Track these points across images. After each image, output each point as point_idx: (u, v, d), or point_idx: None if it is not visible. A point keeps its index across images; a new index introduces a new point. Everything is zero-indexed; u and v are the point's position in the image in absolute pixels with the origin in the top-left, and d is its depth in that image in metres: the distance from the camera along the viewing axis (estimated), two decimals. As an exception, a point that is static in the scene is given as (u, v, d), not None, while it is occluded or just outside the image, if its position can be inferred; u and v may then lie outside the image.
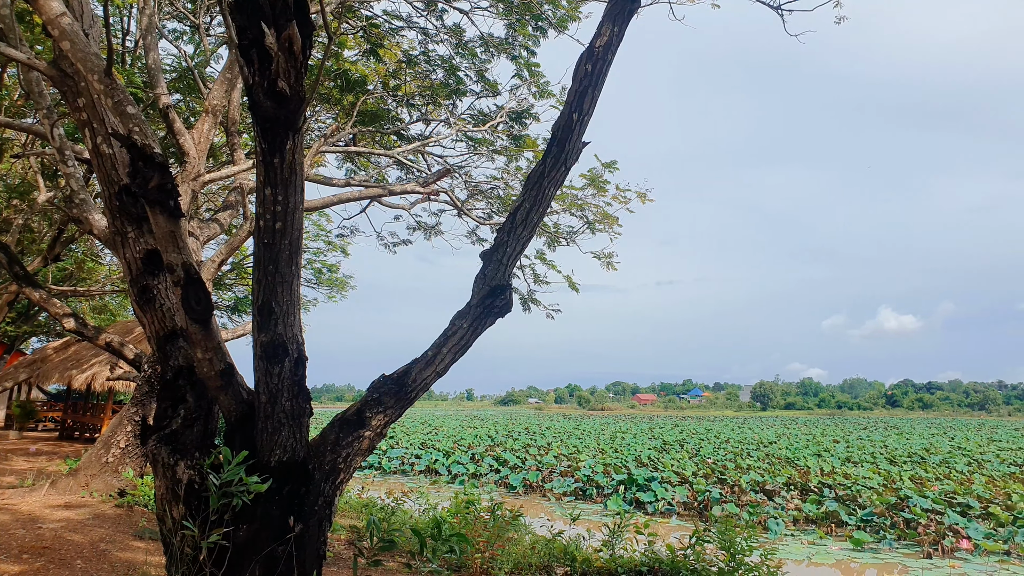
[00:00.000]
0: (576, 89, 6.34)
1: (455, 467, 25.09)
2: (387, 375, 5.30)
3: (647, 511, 17.76)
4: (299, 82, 3.91)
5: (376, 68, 10.37)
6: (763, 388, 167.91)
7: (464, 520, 8.53)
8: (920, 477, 21.12)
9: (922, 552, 13.49)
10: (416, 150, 11.50)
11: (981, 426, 78.35)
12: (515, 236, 6.34)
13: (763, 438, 42.89)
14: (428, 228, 13.32)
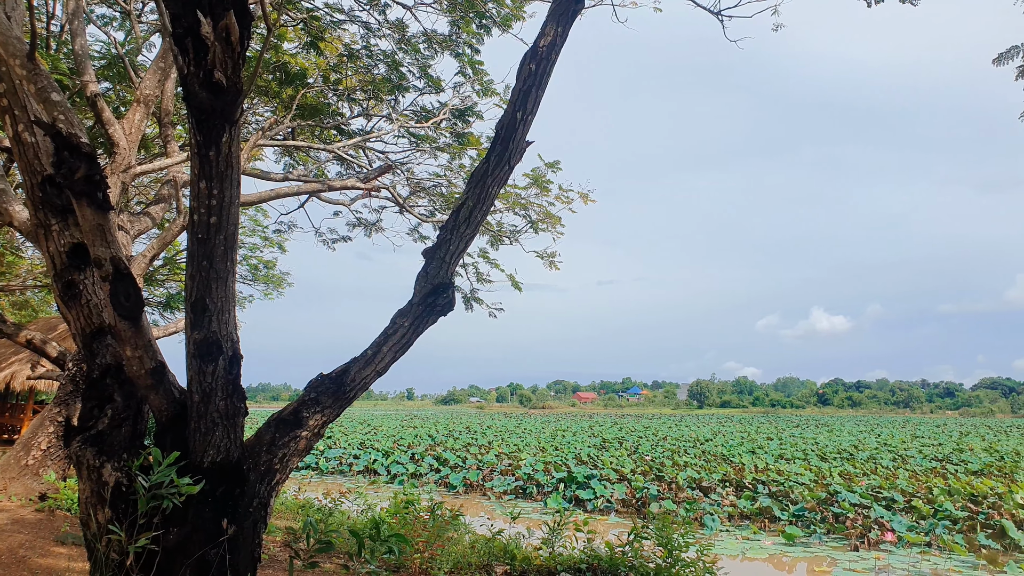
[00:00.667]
0: (520, 88, 6.34)
1: (394, 467, 24.88)
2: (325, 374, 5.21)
3: (586, 509, 17.92)
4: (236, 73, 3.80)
5: (317, 62, 10.19)
6: (700, 386, 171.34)
7: (403, 520, 8.45)
8: (849, 473, 21.86)
9: (849, 545, 13.96)
10: (357, 145, 11.34)
11: (905, 423, 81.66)
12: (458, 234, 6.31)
13: (700, 436, 43.79)
14: (369, 225, 13.15)
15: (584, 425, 59.79)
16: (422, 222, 12.64)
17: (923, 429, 60.26)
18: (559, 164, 11.36)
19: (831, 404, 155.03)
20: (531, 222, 12.21)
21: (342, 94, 10.88)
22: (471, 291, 12.67)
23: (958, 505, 15.81)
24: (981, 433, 52.73)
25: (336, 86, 10.68)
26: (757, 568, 12.78)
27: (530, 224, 12.25)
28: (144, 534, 3.91)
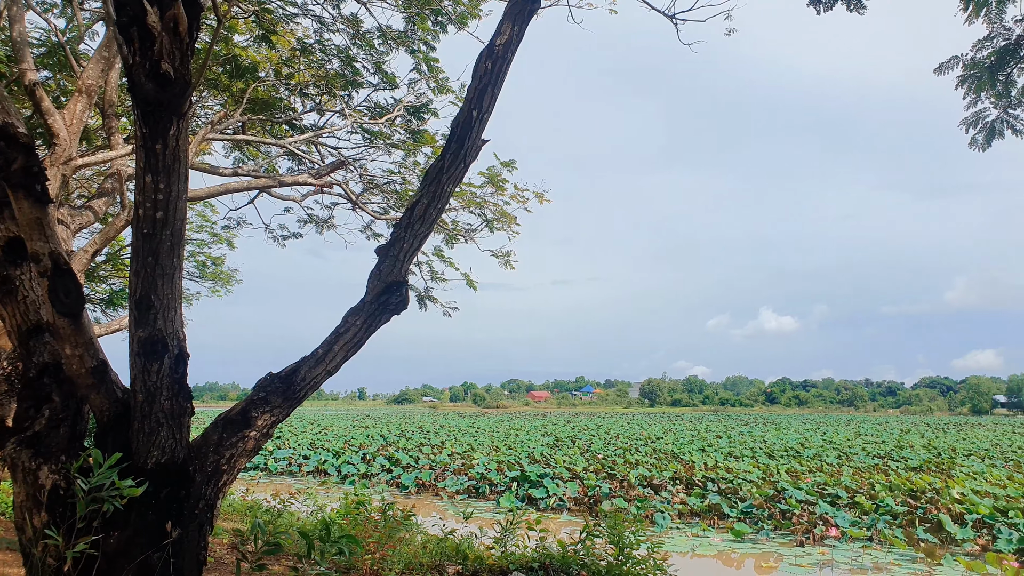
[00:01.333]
0: (476, 86, 6.32)
1: (345, 467, 24.60)
2: (275, 373, 5.12)
3: (539, 507, 17.98)
4: (184, 65, 3.70)
5: (268, 55, 9.99)
6: (651, 385, 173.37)
7: (354, 521, 8.36)
8: (795, 470, 22.36)
9: (796, 541, 14.28)
10: (309, 141, 11.16)
11: (850, 421, 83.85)
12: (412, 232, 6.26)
13: (651, 434, 44.32)
14: (320, 221, 12.95)
15: (538, 424, 60.02)
16: (375, 219, 12.50)
17: (866, 427, 62.01)
18: (515, 163, 11.36)
19: (779, 403, 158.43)
20: (486, 221, 12.18)
21: (294, 89, 10.69)
22: (425, 290, 12.58)
23: (898, 500, 16.31)
24: (920, 431, 54.48)
25: (288, 80, 10.49)
26: (706, 565, 12.99)
27: (485, 223, 12.21)
28: (83, 538, 3.79)
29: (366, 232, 13.02)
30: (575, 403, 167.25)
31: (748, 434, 45.98)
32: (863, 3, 7.42)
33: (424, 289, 12.55)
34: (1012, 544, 12.96)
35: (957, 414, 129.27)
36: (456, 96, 11.16)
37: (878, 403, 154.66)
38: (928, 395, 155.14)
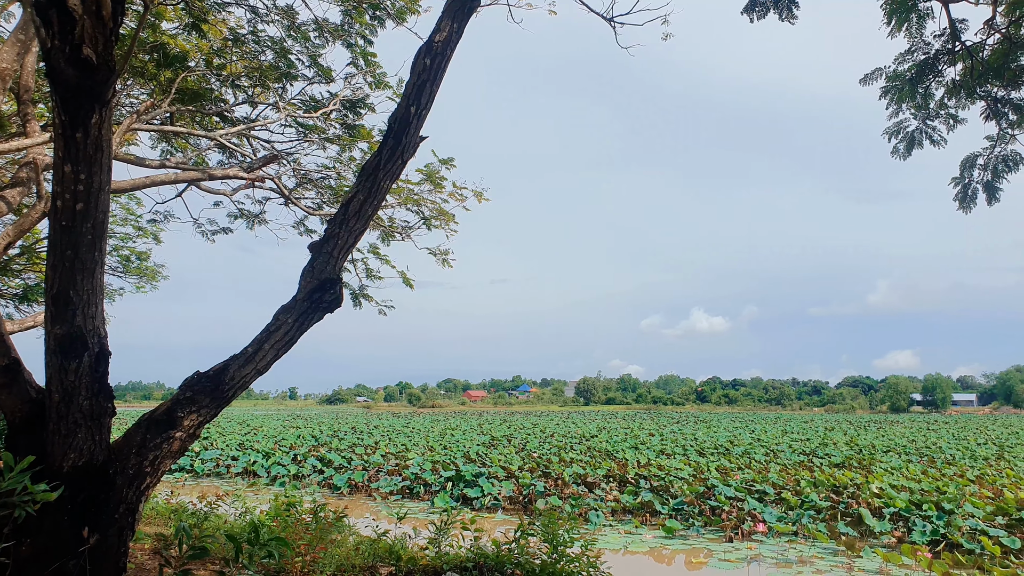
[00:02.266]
0: (414, 82, 6.26)
1: (275, 468, 24.09)
2: (202, 372, 4.97)
3: (474, 507, 17.96)
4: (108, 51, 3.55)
5: (199, 44, 9.68)
6: (586, 384, 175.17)
7: (284, 523, 8.18)
8: (725, 467, 22.91)
9: (725, 536, 14.63)
10: (241, 133, 10.85)
11: (777, 419, 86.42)
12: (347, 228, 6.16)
13: (585, 432, 44.79)
14: (252, 216, 12.62)
15: (474, 423, 59.96)
16: (309, 215, 12.25)
17: (793, 425, 64.01)
18: (453, 161, 11.29)
19: (709, 401, 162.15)
20: (424, 219, 12.07)
21: (226, 80, 10.38)
22: (360, 287, 12.39)
23: (822, 496, 16.87)
24: (843, 428, 56.53)
25: (220, 71, 10.18)
26: (639, 561, 13.19)
27: (423, 221, 12.10)
28: (-8, 546, 3.59)
29: (299, 228, 12.75)
30: (512, 402, 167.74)
31: (680, 432, 46.91)
32: (794, 13, 7.64)
33: (359, 287, 12.36)
34: (926, 536, 13.56)
35: (877, 412, 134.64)
36: (394, 92, 11.03)
37: (804, 402, 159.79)
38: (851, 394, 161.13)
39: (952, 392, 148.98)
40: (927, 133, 8.32)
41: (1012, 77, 7.73)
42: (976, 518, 14.12)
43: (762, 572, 12.12)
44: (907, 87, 8.09)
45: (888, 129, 8.53)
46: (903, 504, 15.09)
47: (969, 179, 8.18)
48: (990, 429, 55.43)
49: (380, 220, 12.17)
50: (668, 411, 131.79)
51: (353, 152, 11.70)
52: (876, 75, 8.18)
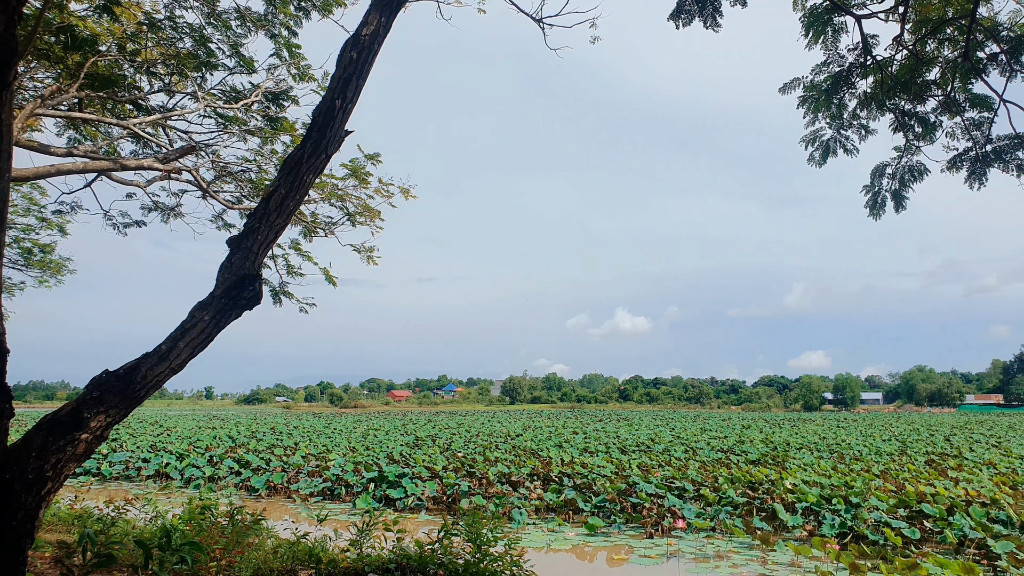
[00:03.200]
0: (340, 76, 6.14)
1: (190, 471, 23.27)
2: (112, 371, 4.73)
3: (397, 508, 17.78)
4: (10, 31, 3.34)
5: (111, 28, 9.24)
6: (512, 383, 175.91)
7: (199, 527, 7.90)
8: (646, 464, 23.35)
9: (645, 533, 14.90)
10: (156, 123, 10.42)
11: (696, 417, 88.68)
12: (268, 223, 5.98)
13: (510, 431, 44.96)
14: (167, 209, 12.13)
15: (397, 423, 59.40)
16: (228, 209, 11.86)
17: (711, 423, 65.81)
18: (379, 156, 11.12)
19: (632, 399, 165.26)
20: (348, 215, 11.86)
21: (140, 66, 9.95)
22: (280, 284, 12.07)
23: (739, 492, 17.38)
24: (759, 426, 58.45)
25: (134, 57, 9.75)
26: (561, 559, 13.30)
27: (347, 217, 11.89)
28: None
29: (217, 222, 12.34)
30: (437, 402, 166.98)
31: (603, 430, 47.62)
32: (718, 21, 7.83)
33: (279, 284, 12.05)
34: (834, 529, 14.14)
35: (791, 410, 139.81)
36: (319, 85, 10.81)
37: (722, 400, 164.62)
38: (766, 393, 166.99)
39: (860, 391, 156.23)
40: (841, 142, 8.66)
41: (918, 92, 8.13)
42: (880, 511, 14.80)
43: (681, 567, 12.40)
44: (823, 97, 8.40)
45: (805, 137, 8.84)
46: (814, 499, 15.69)
47: (879, 187, 8.55)
48: (894, 426, 58.31)
49: (302, 215, 11.89)
50: (592, 409, 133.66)
51: (275, 145, 11.40)
52: (794, 85, 8.46)
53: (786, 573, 11.89)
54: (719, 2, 7.82)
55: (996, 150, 7.82)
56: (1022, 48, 7.39)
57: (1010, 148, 7.68)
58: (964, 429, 52.41)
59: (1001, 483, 18.90)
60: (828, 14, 7.87)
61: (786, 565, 12.37)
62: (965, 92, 7.91)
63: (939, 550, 13.16)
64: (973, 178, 8.02)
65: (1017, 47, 7.39)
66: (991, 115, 7.88)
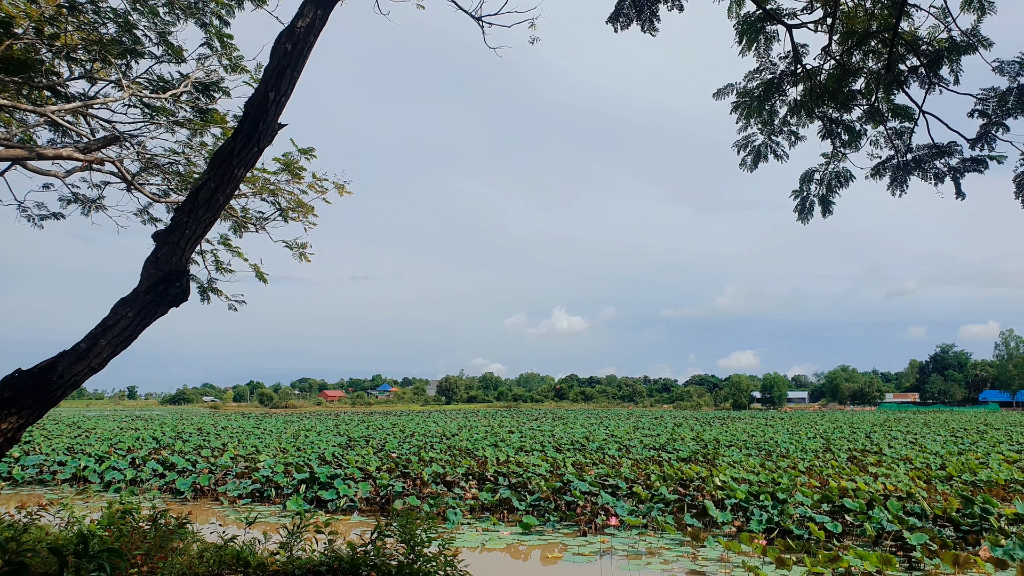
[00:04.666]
0: (274, 68, 5.98)
1: (110, 474, 22.37)
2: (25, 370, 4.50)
3: (329, 509, 17.49)
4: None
5: (27, 10, 8.78)
6: (448, 382, 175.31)
7: (118, 532, 7.59)
8: (581, 463, 23.57)
9: (579, 531, 15.02)
10: (76, 111, 9.95)
11: (630, 415, 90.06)
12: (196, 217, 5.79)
13: (446, 431, 44.80)
14: (88, 202, 11.60)
15: (330, 424, 58.50)
16: (154, 202, 11.42)
17: (644, 421, 66.92)
18: (314, 151, 10.89)
19: (567, 398, 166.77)
20: (281, 210, 11.57)
21: (59, 51, 9.48)
22: (209, 281, 11.68)
23: (670, 489, 17.70)
24: (690, 424, 59.71)
25: (52, 41, 9.29)
26: (496, 558, 13.29)
27: (280, 212, 11.59)
28: None
29: (142, 216, 11.87)
30: (371, 402, 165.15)
31: (538, 429, 47.90)
32: (656, 26, 7.94)
33: (207, 280, 11.66)
34: (762, 524, 14.54)
35: (721, 409, 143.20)
36: (252, 77, 10.50)
37: (655, 398, 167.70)
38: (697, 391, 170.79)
39: (787, 390, 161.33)
40: (772, 148, 8.89)
41: (844, 100, 8.40)
42: (805, 506, 15.29)
43: (613, 565, 12.54)
44: (755, 104, 8.61)
45: (738, 142, 9.04)
46: (743, 495, 16.09)
47: (807, 192, 8.80)
48: (819, 424, 60.39)
49: (233, 210, 11.55)
50: (528, 408, 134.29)
51: (205, 137, 11.03)
52: (728, 90, 8.64)
53: (716, 568, 12.15)
54: (656, 7, 7.93)
55: (916, 159, 8.15)
56: (940, 62, 7.71)
57: (929, 157, 8.01)
58: (883, 426, 54.67)
59: (916, 478, 19.77)
60: (761, 22, 8.07)
61: (715, 560, 12.64)
62: (888, 102, 8.23)
63: (859, 543, 13.67)
64: (895, 185, 8.34)
65: (935, 61, 7.71)
66: (912, 125, 8.21)
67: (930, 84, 7.82)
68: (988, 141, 7.38)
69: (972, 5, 7.27)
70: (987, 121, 7.36)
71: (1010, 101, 7.10)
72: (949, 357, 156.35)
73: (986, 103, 7.34)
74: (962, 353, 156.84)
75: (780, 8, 8.00)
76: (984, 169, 7.58)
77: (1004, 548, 11.83)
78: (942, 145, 7.90)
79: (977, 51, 7.37)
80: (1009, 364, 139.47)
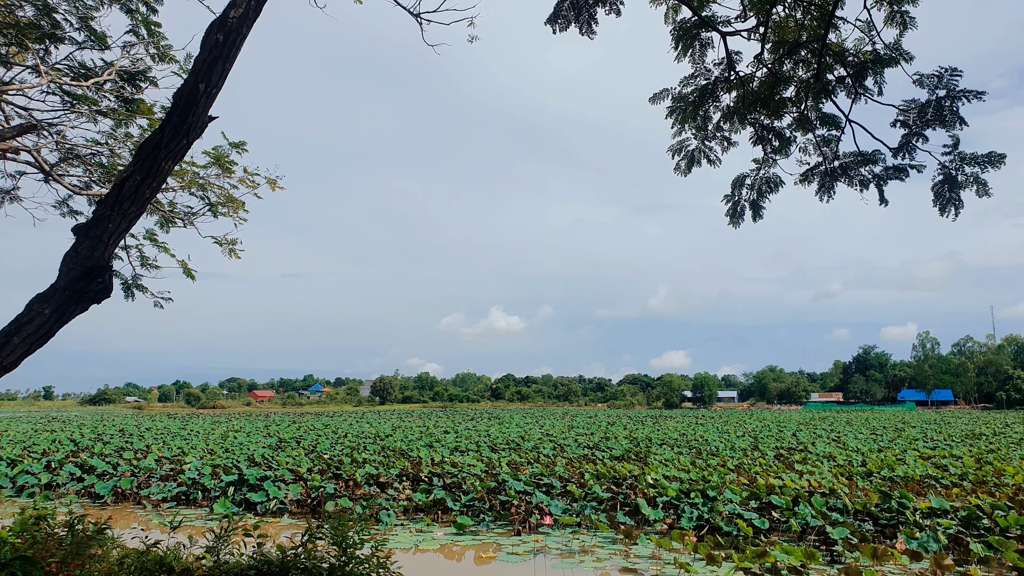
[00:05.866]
0: (205, 58, 5.80)
1: (23, 478, 21.32)
2: (-72, 369, 4.24)
3: (258, 512, 17.09)
4: None
5: (-62, -12, 8.32)
6: (382, 383, 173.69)
7: (32, 539, 7.24)
8: (516, 462, 23.62)
9: (513, 530, 15.05)
10: (-10, 96, 9.47)
11: (565, 414, 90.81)
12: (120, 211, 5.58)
13: (380, 431, 44.33)
14: (2, 193, 11.06)
15: (260, 425, 57.21)
16: (74, 194, 10.94)
17: (579, 420, 67.60)
18: (246, 145, 10.61)
19: (503, 398, 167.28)
20: (210, 205, 11.23)
21: (-27, 33, 9.00)
22: (133, 277, 11.25)
23: (604, 487, 17.90)
24: (624, 423, 60.55)
25: (-35, 22, 8.81)
26: (429, 559, 13.21)
27: (209, 207, 11.26)
28: None
29: (62, 208, 11.36)
30: (302, 402, 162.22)
31: (474, 429, 47.84)
32: (593, 29, 8.02)
33: (132, 276, 11.24)
34: (692, 521, 14.84)
35: (653, 407, 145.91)
36: (181, 67, 10.17)
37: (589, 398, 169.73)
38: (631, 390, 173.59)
39: (717, 389, 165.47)
40: (705, 153, 9.08)
41: (775, 108, 8.65)
42: (734, 503, 15.67)
43: (547, 563, 12.61)
44: (689, 109, 8.78)
45: (672, 147, 9.21)
46: (674, 493, 16.39)
47: (738, 197, 9.02)
48: (747, 423, 62.08)
49: (159, 204, 11.17)
50: (464, 408, 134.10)
51: (130, 128, 10.63)
52: (663, 95, 8.79)
53: (647, 565, 12.34)
54: (595, 10, 8.01)
55: (843, 166, 8.45)
56: (865, 73, 8.01)
57: (854, 165, 8.31)
58: (809, 425, 56.55)
59: (839, 474, 20.51)
60: (696, 29, 8.23)
61: (647, 558, 12.84)
62: (816, 111, 8.50)
63: (785, 538, 14.08)
64: (823, 191, 8.63)
65: (861, 72, 8.01)
66: (838, 133, 8.51)
67: (856, 94, 8.11)
68: (909, 150, 7.70)
69: (895, 20, 7.58)
70: (908, 131, 7.68)
71: (929, 113, 7.42)
72: (870, 358, 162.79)
73: (907, 114, 7.66)
74: (883, 354, 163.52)
75: (715, 16, 8.18)
76: (905, 177, 7.91)
77: (919, 541, 12.38)
78: (867, 153, 8.21)
79: (899, 64, 7.68)
80: (925, 365, 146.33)
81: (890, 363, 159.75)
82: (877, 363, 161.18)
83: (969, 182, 7.35)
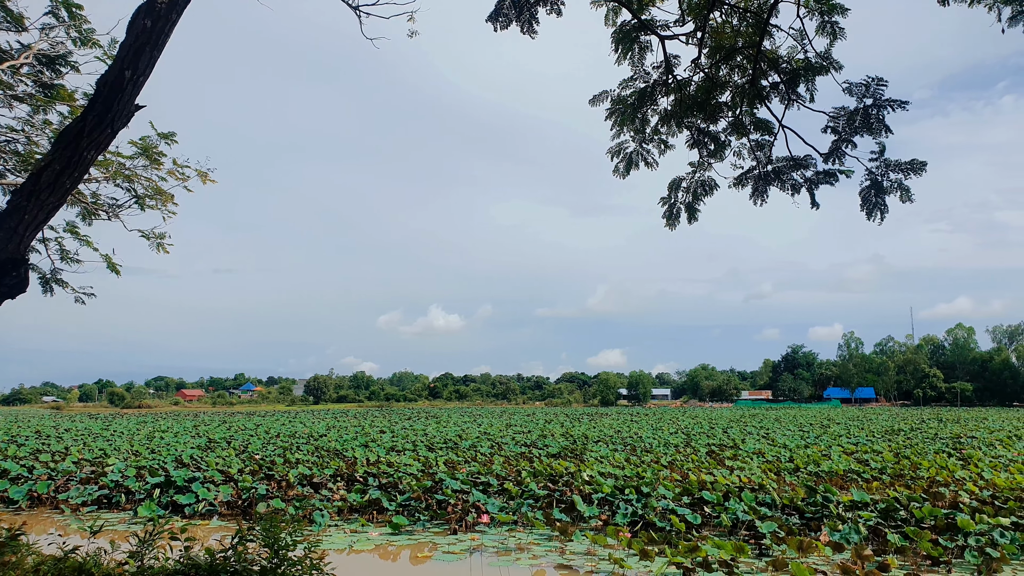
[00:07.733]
0: (131, 44, 5.58)
1: (-72, 484, 20.19)
2: None
3: (186, 514, 16.56)
4: None
5: None
6: (317, 382, 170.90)
7: (-61, 549, 6.85)
8: (453, 461, 23.51)
9: (449, 529, 14.97)
10: None
11: (503, 413, 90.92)
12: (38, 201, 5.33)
13: (314, 431, 43.57)
14: (-93, 180, 10.44)
15: (188, 425, 55.57)
16: (-12, 183, 10.42)
17: (517, 418, 67.76)
18: (175, 136, 10.27)
19: (441, 397, 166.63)
20: (137, 197, 10.82)
21: None
22: (52, 271, 10.74)
23: (540, 485, 17.97)
24: (561, 420, 61.00)
25: None
26: (364, 560, 13.03)
27: (135, 199, 10.84)
28: None
29: (-26, 198, 10.80)
30: (233, 402, 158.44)
31: (411, 428, 47.47)
32: (535, 28, 8.02)
33: (51, 270, 10.73)
34: (627, 518, 15.02)
35: (590, 405, 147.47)
36: (105, 52, 9.76)
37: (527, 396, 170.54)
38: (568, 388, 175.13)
39: (652, 387, 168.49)
40: (643, 155, 9.19)
41: (711, 112, 8.82)
42: (667, 499, 15.93)
43: (483, 562, 12.58)
44: (628, 111, 8.87)
45: (611, 149, 9.29)
46: (609, 489, 16.57)
47: (675, 199, 9.17)
48: (680, 420, 63.30)
49: (81, 195, 10.70)
50: (401, 408, 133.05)
51: (50, 115, 10.16)
52: (603, 97, 8.86)
53: (583, 562, 12.44)
54: (536, 9, 8.01)
55: (775, 170, 8.67)
56: (797, 80, 8.24)
57: (787, 169, 8.54)
58: (739, 422, 57.99)
59: (768, 470, 21.08)
60: (636, 32, 8.32)
61: (583, 554, 12.94)
62: (751, 116, 8.70)
63: (716, 533, 14.39)
64: (756, 194, 8.83)
65: (793, 79, 8.23)
66: (772, 138, 8.73)
67: (789, 100, 8.33)
68: (839, 156, 7.96)
69: (825, 30, 7.81)
70: (838, 138, 7.93)
71: (857, 120, 7.68)
72: (799, 357, 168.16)
73: (837, 121, 7.91)
74: (810, 353, 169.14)
75: (654, 19, 8.28)
76: (835, 182, 8.17)
77: (841, 532, 12.82)
78: (799, 158, 8.44)
79: (830, 72, 7.92)
80: (849, 364, 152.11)
81: (817, 362, 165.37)
82: (805, 362, 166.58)
83: (894, 187, 7.64)
